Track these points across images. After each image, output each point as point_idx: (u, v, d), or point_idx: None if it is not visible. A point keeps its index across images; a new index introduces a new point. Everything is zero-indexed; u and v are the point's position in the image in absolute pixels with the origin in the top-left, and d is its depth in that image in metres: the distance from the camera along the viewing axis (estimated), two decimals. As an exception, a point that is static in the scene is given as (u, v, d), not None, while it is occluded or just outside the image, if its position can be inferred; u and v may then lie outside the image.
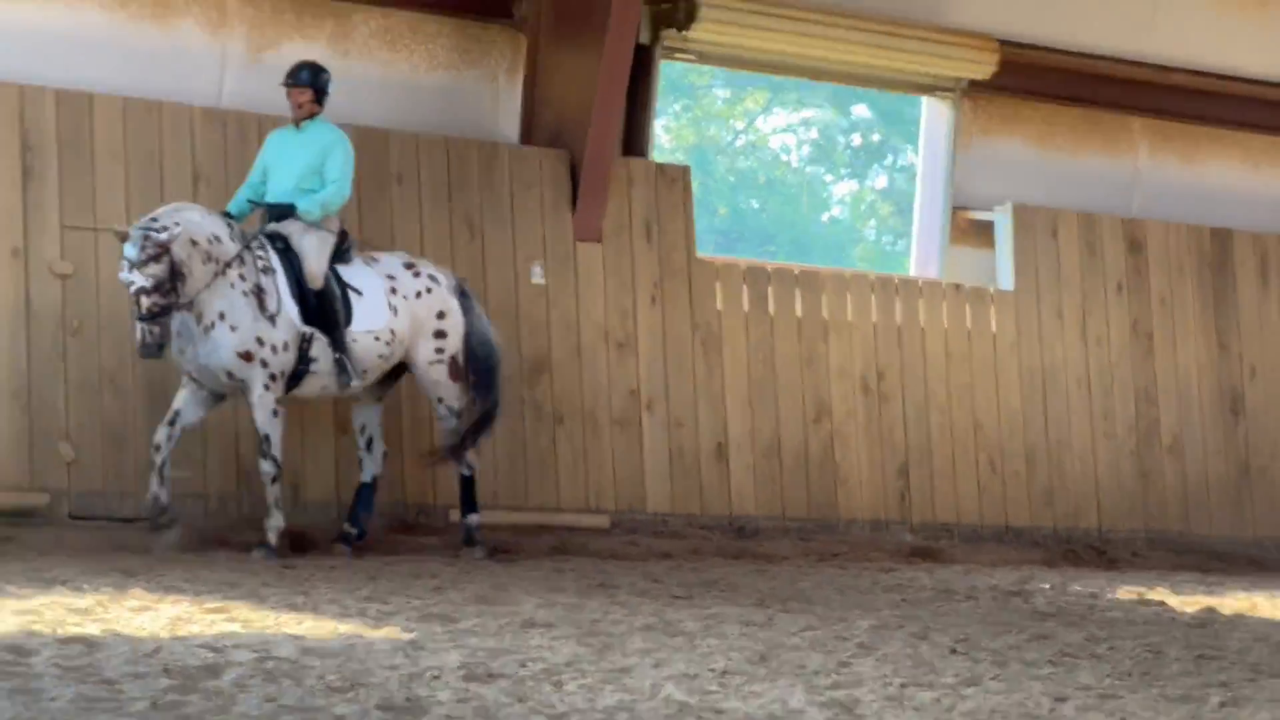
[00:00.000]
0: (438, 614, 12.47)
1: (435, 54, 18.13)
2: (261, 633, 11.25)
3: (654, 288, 18.37)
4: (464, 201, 17.57)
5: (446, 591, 13.64)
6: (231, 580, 13.58)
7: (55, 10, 16.49)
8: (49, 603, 11.91)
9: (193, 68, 16.99)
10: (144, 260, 14.41)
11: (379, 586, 13.68)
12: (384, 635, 11.42)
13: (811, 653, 11.71)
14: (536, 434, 17.57)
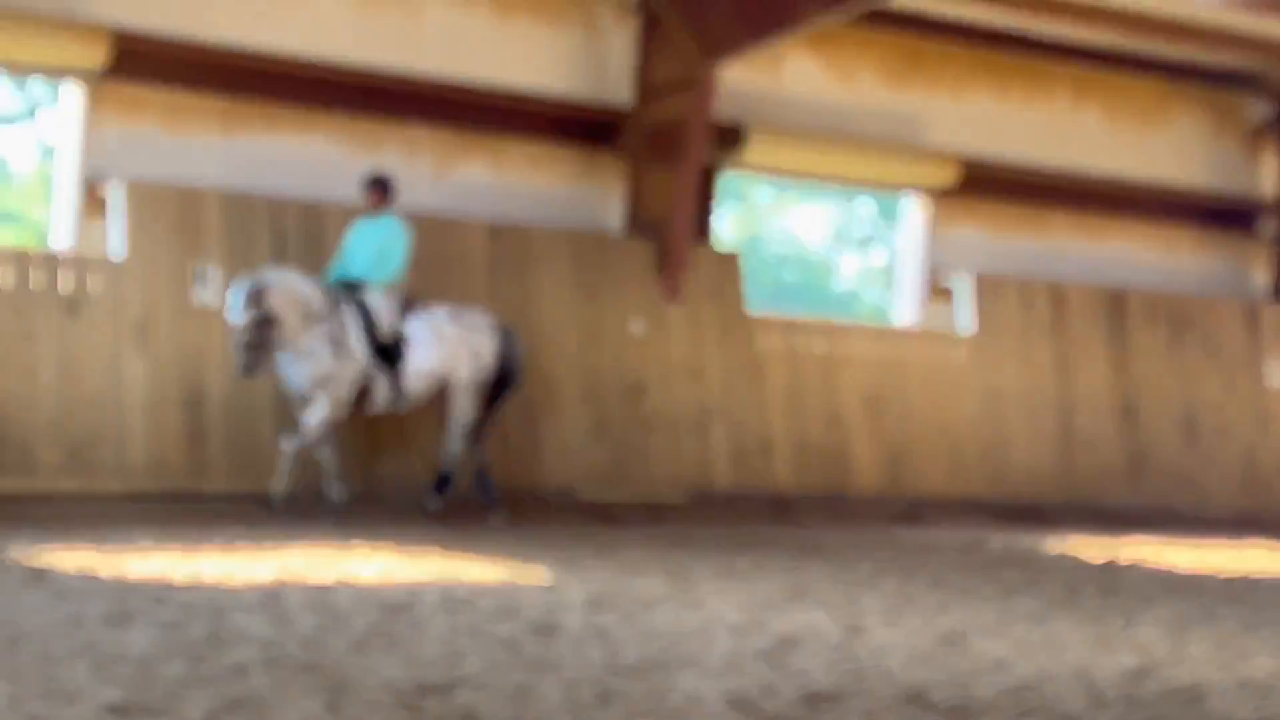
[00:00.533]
0: (568, 563, 12.47)
1: (564, 172, 18.17)
2: (445, 577, 11.27)
3: (718, 335, 18.41)
4: (585, 276, 17.61)
5: (575, 547, 13.63)
6: (426, 540, 13.60)
7: (299, 144, 16.57)
8: (298, 556, 11.96)
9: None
10: (245, 306, 14.09)
11: (527, 545, 13.68)
12: (531, 578, 11.42)
13: (830, 588, 11.68)
14: (636, 435, 17.58)
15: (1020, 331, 20.44)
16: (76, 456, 14.55)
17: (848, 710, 7.04)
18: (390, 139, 17.05)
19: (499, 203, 17.57)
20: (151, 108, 15.83)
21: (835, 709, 7.06)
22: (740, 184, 22.55)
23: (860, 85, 19.88)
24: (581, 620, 9.48)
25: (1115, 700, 7.73)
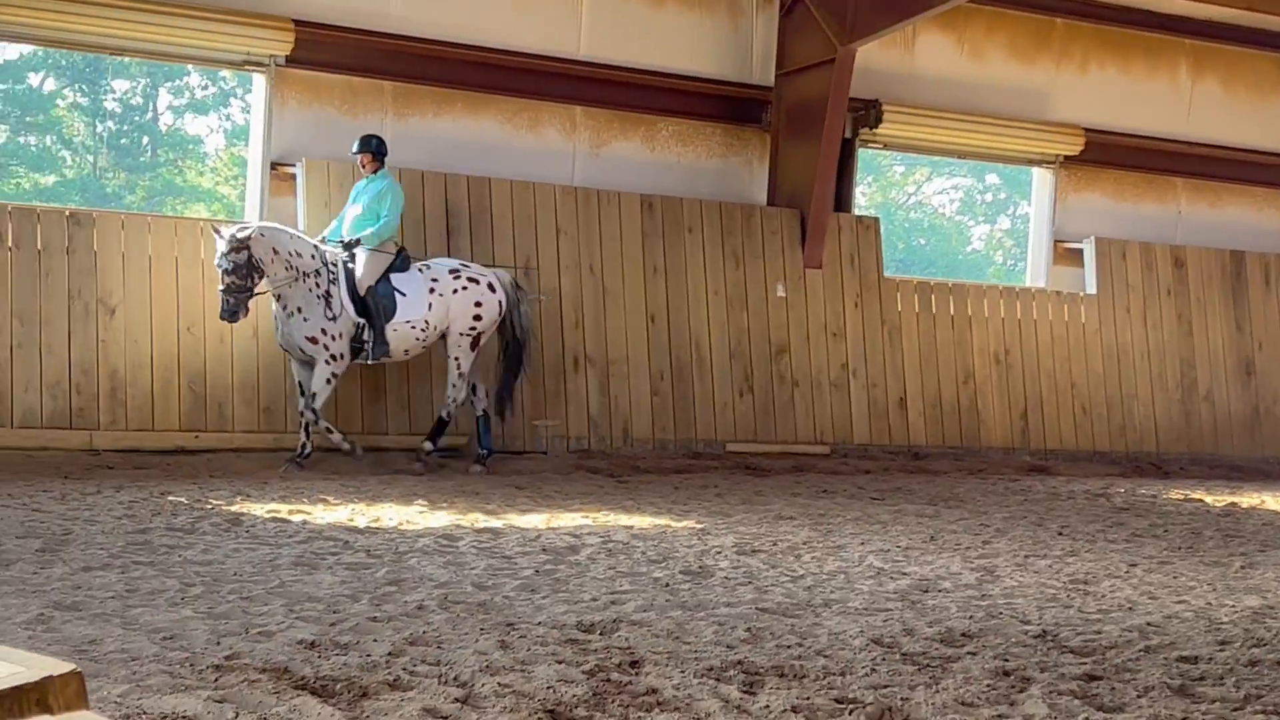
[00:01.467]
0: (718, 511, 12.48)
1: (712, 147, 18.17)
2: (605, 524, 11.31)
3: (856, 297, 18.30)
4: (732, 244, 17.59)
5: (724, 497, 13.64)
6: (585, 491, 13.66)
7: (466, 124, 16.69)
8: (468, 506, 12.06)
9: (554, 160, 17.12)
10: (228, 250, 13.68)
11: (680, 494, 13.71)
12: (684, 525, 11.43)
13: (964, 535, 11.57)
14: (780, 392, 17.55)
15: (1143, 292, 20.14)
16: (266, 413, 14.78)
17: (983, 648, 6.98)
18: (550, 118, 17.13)
19: (651, 176, 17.61)
20: (330, 92, 16.00)
21: (971, 647, 7.01)
22: (876, 157, 22.34)
23: (990, 62, 19.63)
24: (731, 564, 9.48)
25: (1236, 638, 7.60)
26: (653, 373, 16.80)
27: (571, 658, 6.40)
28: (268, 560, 8.85)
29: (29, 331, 13.83)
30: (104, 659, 6.00)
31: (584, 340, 16.52)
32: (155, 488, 12.16)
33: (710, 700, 5.73)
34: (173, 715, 5.18)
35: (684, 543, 10.39)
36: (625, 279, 16.85)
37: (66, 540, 9.26)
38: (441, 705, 5.51)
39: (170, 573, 8.27)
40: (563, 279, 16.50)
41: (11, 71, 35.22)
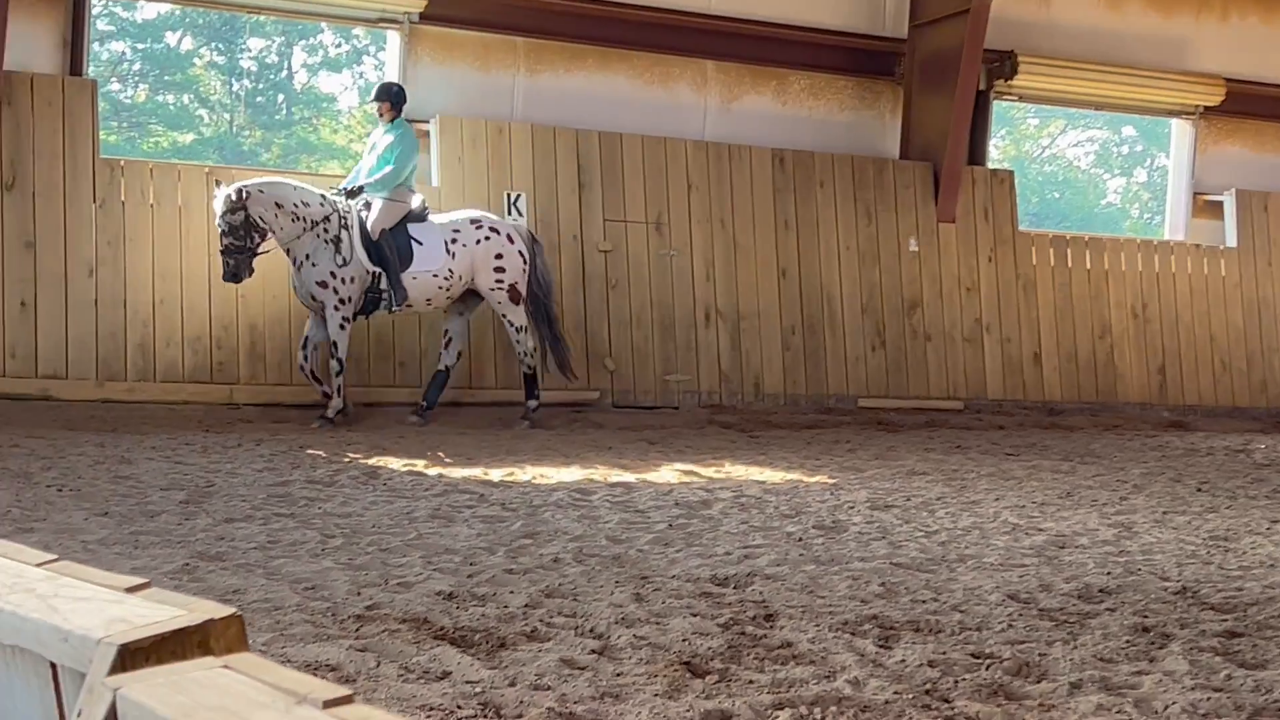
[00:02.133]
0: (851, 466, 12.45)
1: (844, 101, 18.07)
2: (737, 479, 11.34)
3: (990, 251, 18.14)
4: (864, 198, 17.49)
5: (856, 452, 13.60)
6: (716, 445, 13.69)
7: (597, 80, 16.71)
8: (601, 460, 12.13)
9: (685, 115, 17.11)
10: (225, 211, 13.29)
11: (812, 449, 13.69)
12: (816, 480, 11.42)
13: (1100, 490, 11.46)
14: (913, 347, 17.46)
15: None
16: (401, 368, 14.94)
17: (1121, 604, 6.92)
18: (681, 73, 17.11)
19: (783, 130, 17.54)
20: (463, 48, 16.09)
21: (1109, 603, 6.95)
22: (1010, 109, 22.05)
23: (1128, 11, 19.31)
24: (864, 519, 9.47)
25: (1383, 598, 7.47)
26: (784, 327, 16.78)
27: (706, 611, 6.43)
28: (405, 513, 8.96)
29: (170, 287, 14.07)
30: (248, 608, 6.13)
31: (715, 295, 16.52)
32: (294, 441, 12.35)
33: (845, 654, 5.74)
34: (316, 664, 5.28)
35: (816, 498, 10.39)
36: (756, 234, 16.81)
37: (209, 492, 9.44)
38: (578, 656, 5.57)
39: (310, 524, 8.41)
40: (694, 234, 16.50)
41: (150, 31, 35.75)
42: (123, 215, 13.97)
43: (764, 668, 5.54)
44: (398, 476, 10.58)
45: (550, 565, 7.43)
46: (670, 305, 16.22)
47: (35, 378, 13.30)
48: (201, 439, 12.20)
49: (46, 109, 13.80)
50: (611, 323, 15.91)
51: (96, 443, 11.56)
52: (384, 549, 7.72)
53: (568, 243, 15.80)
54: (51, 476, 9.76)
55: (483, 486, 10.27)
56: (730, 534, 8.69)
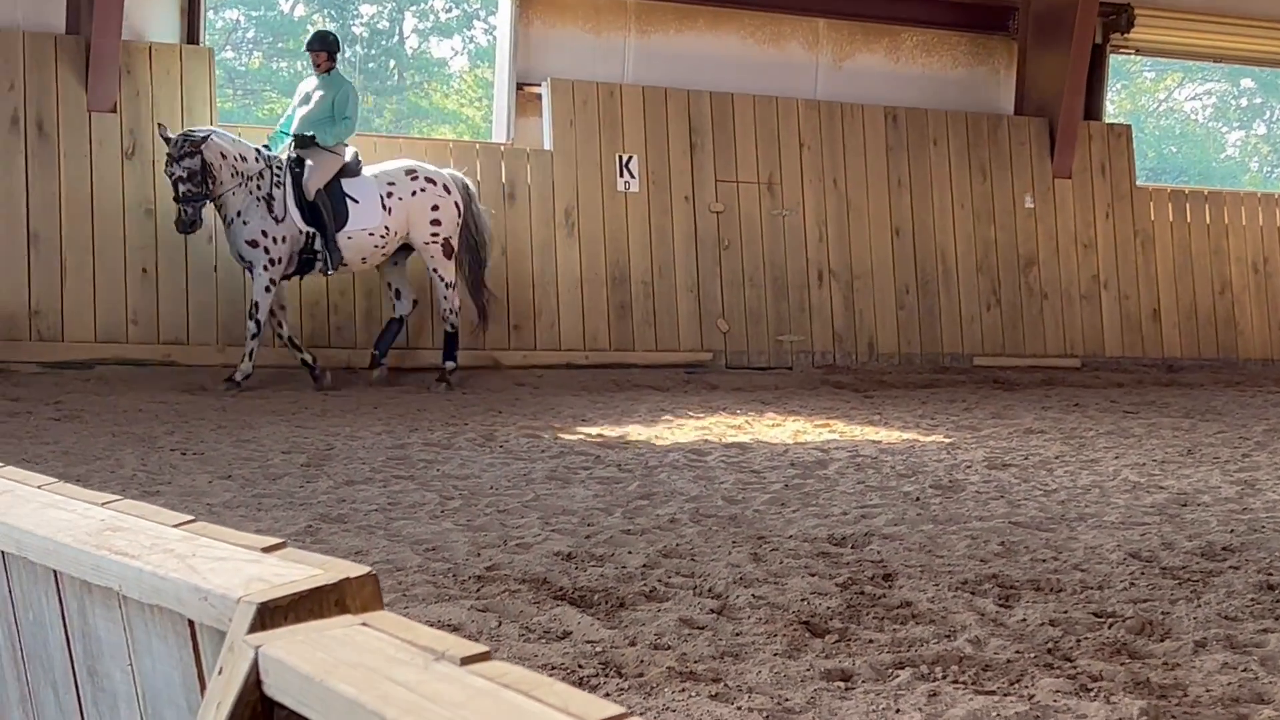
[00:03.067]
0: (967, 425, 12.38)
1: (957, 57, 17.91)
2: (852, 439, 11.31)
3: (1107, 207, 17.95)
4: (978, 155, 17.35)
5: (972, 411, 13.52)
6: (830, 406, 13.66)
7: (708, 40, 16.66)
8: (715, 421, 12.14)
9: (796, 73, 17.02)
10: (181, 155, 12.69)
11: (928, 408, 13.62)
12: (932, 440, 11.37)
13: (1223, 448, 11.32)
14: (1029, 305, 17.32)
15: None
16: (516, 331, 15.02)
17: (1245, 562, 6.84)
18: (792, 32, 17.02)
19: (895, 88, 17.41)
20: (574, 11, 16.09)
21: (1233, 561, 6.87)
22: (1126, 63, 21.72)
23: (1247, -39, 18.98)
24: (982, 478, 9.42)
25: None
26: (898, 287, 16.70)
27: (824, 570, 6.43)
28: (522, 474, 9.03)
29: (287, 253, 14.21)
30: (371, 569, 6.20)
31: (828, 255, 16.45)
32: (411, 404, 12.46)
33: (965, 613, 5.72)
34: (439, 624, 5.33)
35: (933, 457, 10.34)
36: (869, 193, 16.72)
37: (329, 455, 9.55)
38: (697, 616, 5.59)
39: (429, 487, 8.49)
40: (806, 194, 16.44)
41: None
42: (240, 182, 14.12)
43: (883, 627, 5.53)
44: (514, 439, 10.65)
45: (667, 526, 7.45)
46: (783, 265, 16.18)
47: (158, 343, 13.50)
48: (321, 403, 12.34)
49: (165, 77, 13.97)
50: (724, 284, 15.90)
51: (218, 407, 11.73)
52: (502, 510, 7.78)
53: (679, 204, 15.80)
54: (175, 440, 9.92)
55: (598, 448, 10.31)
56: (847, 494, 8.67)
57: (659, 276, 15.58)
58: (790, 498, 8.45)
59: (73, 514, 2.44)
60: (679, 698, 4.61)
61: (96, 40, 13.32)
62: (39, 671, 2.70)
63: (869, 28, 17.36)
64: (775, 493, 8.61)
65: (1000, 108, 17.92)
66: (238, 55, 36.25)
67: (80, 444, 9.59)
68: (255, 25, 36.44)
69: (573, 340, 15.15)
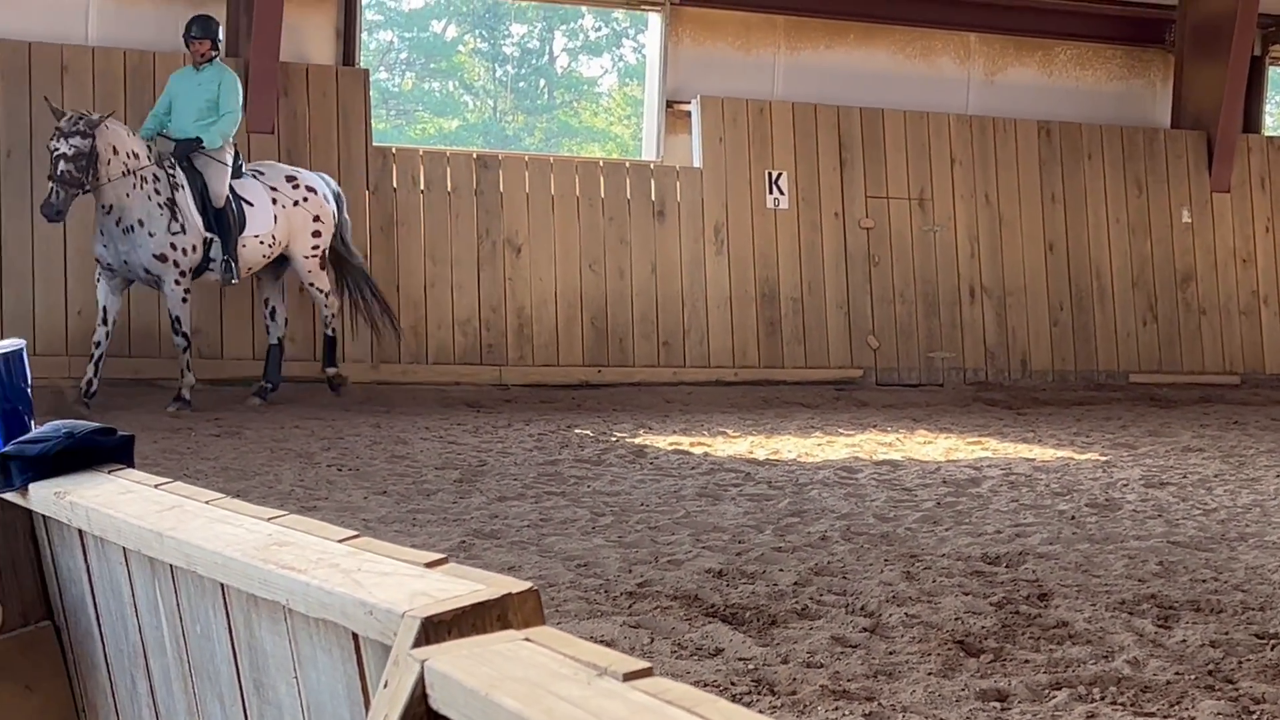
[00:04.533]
0: (1123, 443, 12.21)
1: (1112, 70, 17.69)
2: (1005, 456, 11.20)
3: (1267, 221, 17.63)
4: (1134, 169, 17.12)
5: (1128, 429, 13.33)
6: (983, 423, 13.53)
7: (858, 55, 16.60)
8: (866, 439, 12.09)
9: (948, 88, 16.91)
10: (71, 132, 11.74)
11: (1083, 426, 13.45)
12: (1088, 458, 11.23)
13: (1389, 468, 11.05)
14: (1187, 321, 17.05)
15: None
16: (665, 348, 15.06)
17: None
18: (944, 46, 16.91)
19: (1048, 102, 17.22)
20: (724, 28, 16.11)
21: (1400, 584, 6.71)
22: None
23: None
24: (1139, 497, 9.28)
25: None
26: (1051, 303, 16.51)
27: (978, 589, 6.38)
28: (672, 491, 9.05)
29: (440, 271, 14.38)
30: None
31: (980, 270, 16.32)
32: (562, 421, 12.54)
33: (1124, 634, 5.64)
34: (591, 639, 5.36)
35: (1088, 475, 10.21)
36: (1022, 208, 16.56)
37: (482, 471, 9.64)
38: (850, 634, 5.57)
39: (580, 503, 8.54)
40: (957, 209, 16.32)
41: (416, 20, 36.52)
42: (394, 201, 14.32)
43: (1039, 647, 5.47)
44: (664, 455, 10.68)
45: (818, 543, 7.43)
46: (934, 281, 16.07)
47: (313, 360, 13.71)
48: (473, 419, 12.46)
49: (321, 99, 14.20)
50: (874, 300, 15.82)
51: (372, 423, 11.89)
52: (653, 527, 7.81)
53: (829, 220, 15.75)
54: (331, 456, 10.07)
55: (748, 465, 10.31)
56: (1000, 512, 8.59)
57: (808, 293, 15.55)
58: (943, 516, 8.39)
59: (240, 529, 2.50)
60: (832, 716, 4.60)
61: (255, 62, 13.57)
62: (206, 684, 2.76)
63: (1021, 41, 17.21)
64: (927, 510, 8.55)
65: (1156, 121, 17.67)
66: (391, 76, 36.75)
67: (239, 460, 9.76)
68: (408, 46, 36.92)
69: (722, 357, 15.16)
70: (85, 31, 13.71)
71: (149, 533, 2.65)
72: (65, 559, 3.26)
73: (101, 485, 3.02)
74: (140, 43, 13.73)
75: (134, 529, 2.71)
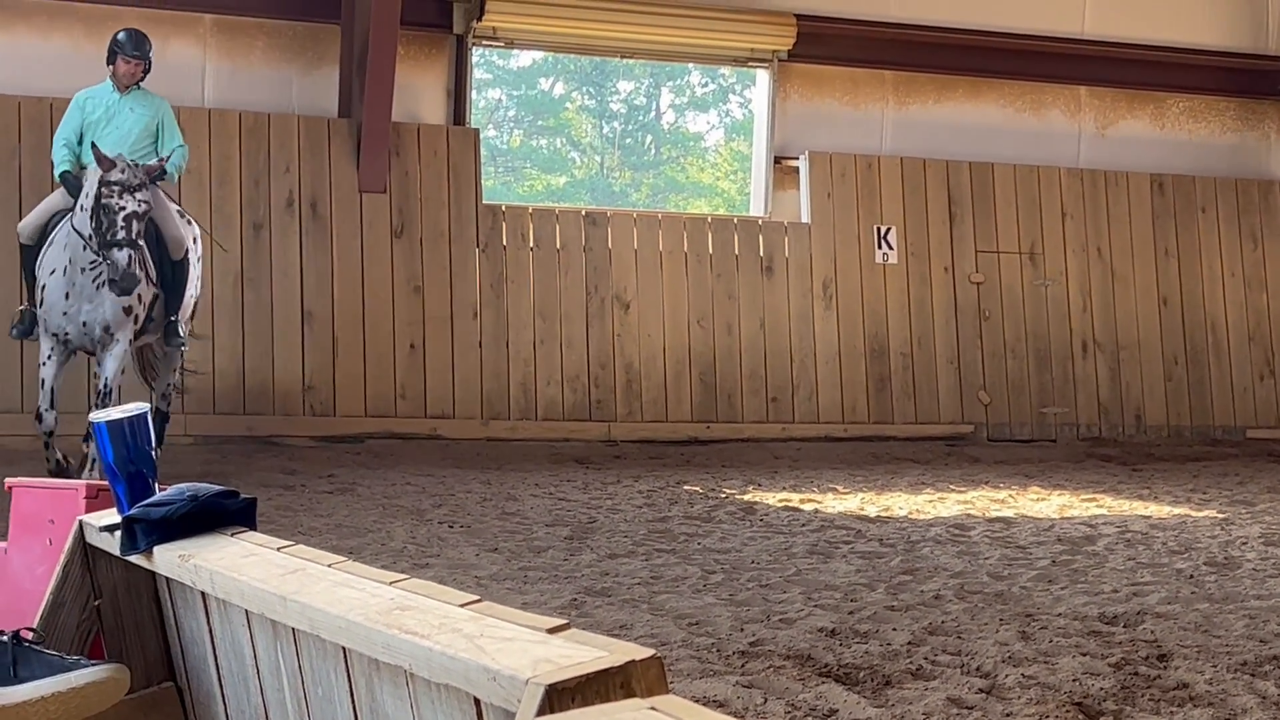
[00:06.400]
0: (1241, 500, 12.03)
1: (1226, 122, 17.50)
2: (1121, 514, 11.07)
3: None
4: (1249, 222, 16.93)
5: (1246, 485, 13.12)
6: (1096, 479, 13.38)
7: (967, 110, 16.53)
8: (978, 496, 11.99)
9: (1058, 141, 16.80)
10: (137, 185, 10.01)
11: (1199, 483, 13.26)
12: (1205, 515, 11.07)
13: None
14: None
15: None
16: (774, 404, 15.03)
17: None
18: (1054, 99, 16.83)
19: (1161, 155, 17.08)
20: (832, 84, 16.13)
21: None
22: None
23: None
24: (1259, 555, 9.13)
25: None
26: (1165, 357, 16.33)
27: (1096, 650, 6.30)
28: (783, 548, 9.02)
29: (550, 327, 14.46)
30: (635, 644, 6.25)
31: (1093, 325, 16.17)
32: (671, 477, 12.54)
33: (1246, 696, 5.55)
34: (705, 700, 5.35)
35: (1206, 533, 10.07)
36: (1135, 261, 16.41)
37: (592, 528, 9.66)
38: (966, 695, 5.52)
39: (691, 560, 8.53)
40: (1069, 263, 16.20)
41: (524, 78, 36.86)
42: (504, 258, 14.42)
43: (1160, 709, 5.40)
44: (774, 512, 10.65)
45: (932, 602, 7.38)
46: (1045, 336, 15.95)
47: (425, 417, 13.81)
48: (582, 475, 12.49)
49: (432, 158, 14.35)
50: (985, 354, 15.72)
51: (483, 480, 11.95)
52: (764, 584, 7.78)
53: (939, 275, 15.69)
54: (443, 514, 10.13)
55: (859, 522, 10.26)
56: (1117, 570, 8.49)
57: (918, 348, 15.47)
58: (1058, 574, 8.30)
59: (362, 593, 2.52)
60: (949, 780, 4.55)
61: (369, 122, 13.75)
62: (327, 745, 2.78)
63: (1133, 94, 17.09)
64: (1042, 569, 8.46)
65: (1271, 173, 17.48)
66: (499, 134, 37.09)
67: (352, 516, 9.85)
68: (516, 104, 37.25)
69: (831, 412, 15.11)
70: (201, 94, 13.94)
71: (272, 596, 2.69)
72: (189, 621, 3.31)
73: (225, 548, 3.06)
74: (255, 104, 13.95)
75: (257, 592, 2.75)
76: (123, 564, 3.40)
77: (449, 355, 14.10)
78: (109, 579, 3.47)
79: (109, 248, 9.92)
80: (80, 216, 10.25)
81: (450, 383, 14.04)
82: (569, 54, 20.48)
